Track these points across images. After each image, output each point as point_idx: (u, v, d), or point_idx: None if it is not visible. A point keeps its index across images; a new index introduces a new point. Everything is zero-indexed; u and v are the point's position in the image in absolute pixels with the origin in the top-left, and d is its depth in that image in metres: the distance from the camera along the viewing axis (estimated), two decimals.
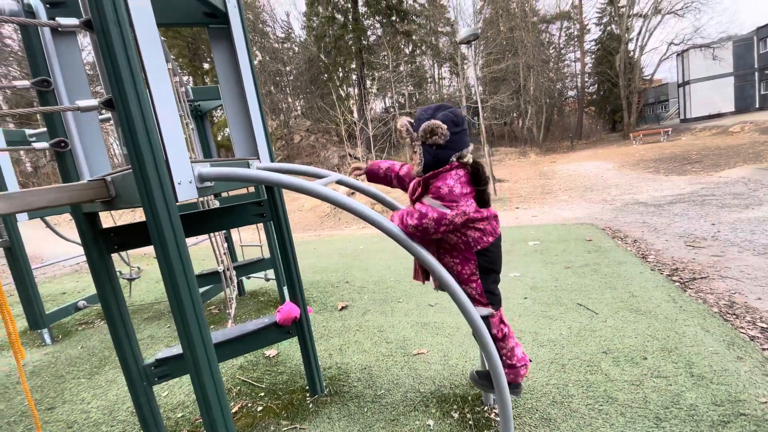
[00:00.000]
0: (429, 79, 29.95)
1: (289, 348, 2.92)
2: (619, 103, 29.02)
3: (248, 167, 1.75)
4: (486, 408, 1.95)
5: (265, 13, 28.23)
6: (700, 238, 4.56)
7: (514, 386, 1.72)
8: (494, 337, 1.63)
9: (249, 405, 2.26)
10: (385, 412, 2.03)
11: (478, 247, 1.53)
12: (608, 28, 31.80)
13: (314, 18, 27.46)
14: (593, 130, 33.52)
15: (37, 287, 3.90)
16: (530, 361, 1.88)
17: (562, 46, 33.14)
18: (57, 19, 1.17)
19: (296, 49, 29.71)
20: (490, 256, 1.56)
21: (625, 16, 26.79)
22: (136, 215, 14.28)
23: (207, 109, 3.58)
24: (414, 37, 27.93)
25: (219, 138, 22.57)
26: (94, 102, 1.17)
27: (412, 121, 1.54)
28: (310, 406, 2.17)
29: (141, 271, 6.14)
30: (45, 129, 3.69)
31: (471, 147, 1.55)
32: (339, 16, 27.15)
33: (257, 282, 4.87)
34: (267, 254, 4.06)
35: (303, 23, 29.32)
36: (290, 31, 30.73)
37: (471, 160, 1.51)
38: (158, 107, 1.16)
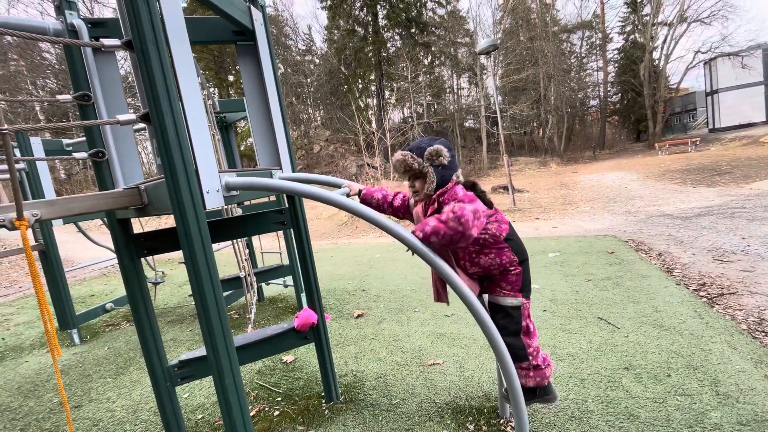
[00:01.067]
0: (447, 90, 30.05)
1: (306, 354, 2.96)
2: (643, 113, 28.33)
3: (271, 177, 1.82)
4: (502, 421, 1.92)
5: (288, 27, 29.06)
6: (729, 252, 4.38)
7: (545, 390, 1.68)
8: (523, 330, 1.65)
9: (266, 409, 2.31)
10: (399, 421, 2.03)
11: (504, 234, 1.62)
12: (631, 36, 31.25)
13: (335, 31, 28.10)
14: (616, 139, 32.77)
15: (69, 289, 4.10)
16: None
17: (583, 55, 32.71)
18: (101, 40, 1.27)
19: (317, 61, 30.40)
20: (516, 239, 1.66)
21: (649, 24, 26.31)
22: (161, 222, 14.76)
23: (232, 121, 3.72)
24: (433, 48, 28.16)
25: (242, 147, 23.19)
26: (132, 116, 1.26)
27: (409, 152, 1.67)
28: (326, 412, 2.19)
29: (165, 276, 6.33)
30: (80, 139, 3.92)
31: (461, 170, 1.75)
32: (359, 29, 27.69)
33: (276, 288, 4.95)
34: (286, 261, 4.15)
35: (324, 36, 30.03)
36: (312, 44, 31.51)
37: (464, 181, 1.70)
38: (190, 120, 1.24)
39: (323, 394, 2.34)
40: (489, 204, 1.65)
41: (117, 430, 2.31)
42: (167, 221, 14.40)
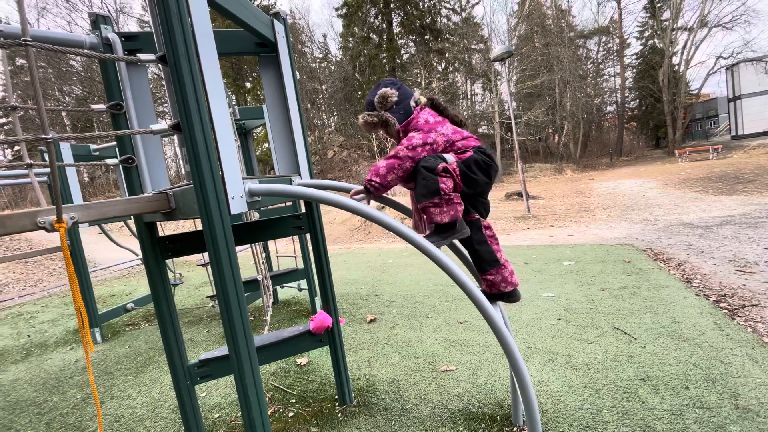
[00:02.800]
0: (461, 96, 30.05)
1: (320, 357, 3.00)
2: (662, 119, 27.78)
3: (290, 183, 1.88)
4: (515, 429, 1.92)
5: (303, 35, 29.58)
6: (752, 263, 4.26)
7: (451, 225, 1.62)
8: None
9: (281, 410, 2.35)
10: (412, 426, 2.05)
11: (461, 159, 1.60)
12: (650, 42, 30.77)
13: (350, 38, 28.46)
14: (634, 146, 32.17)
15: (93, 289, 4.24)
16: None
17: (600, 60, 32.32)
18: (138, 54, 1.35)
19: (332, 68, 30.82)
20: (483, 159, 1.60)
21: (668, 29, 25.86)
22: (178, 226, 15.08)
23: (251, 128, 3.82)
24: (447, 55, 28.24)
25: (257, 153, 23.59)
26: (164, 126, 1.33)
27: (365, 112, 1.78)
28: (339, 415, 2.22)
29: (183, 278, 6.48)
30: (106, 145, 4.07)
31: (417, 91, 1.78)
32: (374, 36, 27.99)
33: (290, 291, 5.02)
34: (300, 265, 4.21)
35: (339, 44, 30.46)
36: (327, 51, 31.98)
37: (425, 100, 1.73)
38: (217, 129, 1.30)
39: (336, 397, 2.37)
40: (458, 123, 1.69)
41: (138, 426, 2.39)
42: (184, 225, 14.71)
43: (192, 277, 6.82)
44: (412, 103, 1.71)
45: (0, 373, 3.52)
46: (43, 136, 1.05)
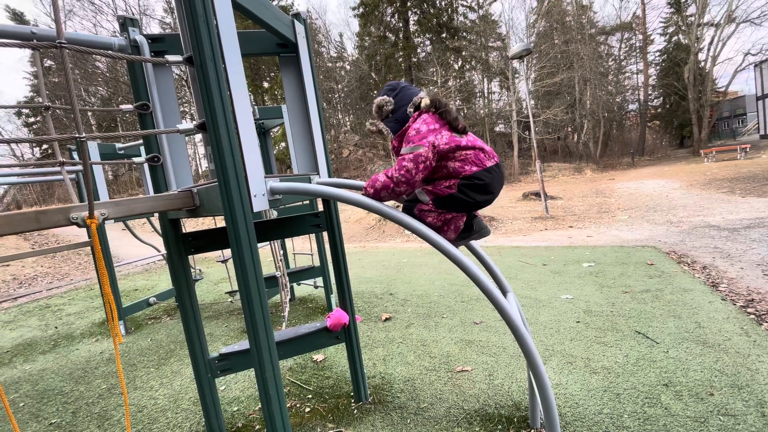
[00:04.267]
0: (478, 94, 29.74)
1: (335, 354, 3.03)
2: (687, 118, 26.89)
3: (309, 182, 1.90)
4: (532, 431, 1.90)
5: (320, 34, 29.78)
6: None
7: (466, 229, 1.58)
8: (415, 215, 1.56)
9: (297, 405, 2.38)
10: (428, 425, 2.05)
11: (462, 174, 1.48)
12: (675, 38, 29.79)
13: (366, 38, 28.50)
14: (657, 145, 31.21)
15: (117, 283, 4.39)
16: None
17: (622, 57, 31.46)
18: (166, 56, 1.39)
19: (348, 67, 30.94)
20: (476, 183, 1.48)
21: (694, 25, 24.98)
22: (199, 223, 15.42)
23: (269, 127, 3.88)
24: (464, 53, 27.99)
25: (274, 151, 23.92)
26: (190, 125, 1.37)
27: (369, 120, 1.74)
28: (355, 412, 2.24)
29: (202, 273, 6.63)
30: (131, 144, 4.20)
31: (422, 92, 1.65)
32: (390, 35, 27.95)
33: (306, 288, 5.08)
34: (317, 263, 4.26)
35: (355, 43, 30.55)
36: (343, 50, 32.12)
37: (428, 102, 1.57)
38: (240, 129, 1.33)
39: (352, 393, 2.39)
40: (458, 131, 1.53)
41: (160, 417, 2.46)
42: (204, 222, 15.03)
43: (211, 273, 6.97)
44: (410, 109, 1.61)
45: (29, 363, 3.68)
46: (77, 135, 1.10)
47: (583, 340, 2.85)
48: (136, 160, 1.97)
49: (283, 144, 19.41)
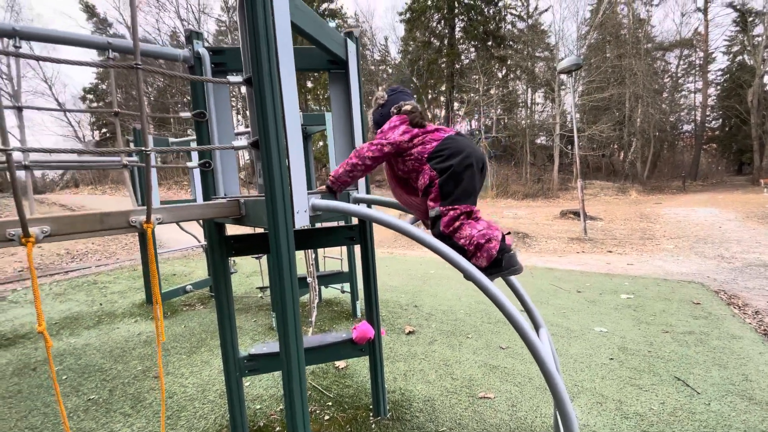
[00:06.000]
0: (521, 104, 29.06)
1: (357, 362, 3.06)
2: (748, 143, 25.02)
3: (348, 196, 1.94)
4: None
5: (366, 38, 30.20)
6: None
7: (499, 261, 1.53)
8: (452, 232, 1.55)
9: (317, 411, 2.43)
10: None
11: (426, 155, 1.61)
12: (738, 58, 27.80)
13: (411, 42, 28.61)
14: (712, 170, 29.25)
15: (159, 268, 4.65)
16: (508, 232, 1.65)
17: (679, 75, 29.73)
18: (228, 77, 1.47)
19: (390, 71, 31.16)
20: (444, 154, 1.58)
21: (761, 46, 23.21)
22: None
23: (312, 132, 3.99)
24: (509, 62, 27.47)
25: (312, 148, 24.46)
26: (244, 143, 1.44)
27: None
28: (373, 426, 2.25)
29: (236, 265, 6.89)
30: (183, 139, 4.43)
31: (413, 102, 1.81)
32: (435, 41, 27.91)
33: (332, 291, 5.16)
34: (345, 268, 4.32)
35: (399, 47, 30.73)
36: (386, 54, 32.38)
37: (408, 108, 1.76)
38: (290, 148, 1.38)
39: (371, 407, 2.40)
40: (417, 124, 1.69)
41: (188, 405, 2.58)
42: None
43: (243, 265, 7.23)
44: (393, 110, 1.80)
45: (74, 337, 3.96)
46: (144, 149, 1.18)
47: (616, 379, 2.71)
48: (189, 164, 2.08)
49: (320, 143, 19.82)
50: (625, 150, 27.32)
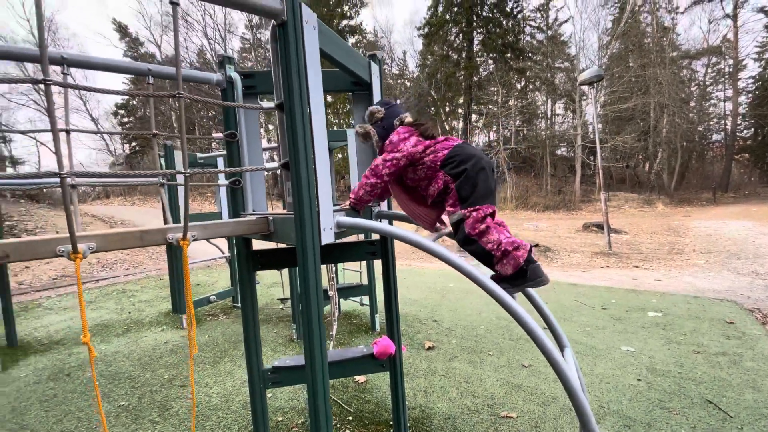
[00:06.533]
0: (540, 115, 28.77)
1: (377, 377, 3.06)
2: None
3: (371, 212, 1.99)
4: None
5: (384, 53, 30.74)
6: None
7: (524, 271, 1.50)
8: (477, 236, 1.55)
9: (338, 426, 2.44)
10: None
11: (439, 162, 1.67)
12: None
13: (429, 56, 28.89)
14: (745, 181, 28.01)
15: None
16: (536, 244, 1.65)
17: (708, 83, 28.83)
18: (262, 103, 1.55)
19: (408, 84, 31.50)
20: (456, 159, 1.63)
21: None
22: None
23: (333, 148, 4.09)
24: (528, 74, 27.34)
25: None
26: (275, 165, 1.51)
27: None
28: None
29: (258, 276, 7.03)
30: (211, 155, 4.61)
31: (407, 113, 1.89)
32: (453, 55, 28.09)
33: (351, 304, 5.19)
34: (365, 281, 4.35)
35: (417, 61, 31.08)
36: (405, 68, 32.80)
37: (411, 120, 1.84)
38: (318, 168, 1.44)
39: (391, 423, 2.40)
40: (430, 136, 1.77)
41: (212, 415, 2.64)
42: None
43: (265, 276, 7.37)
44: (396, 122, 1.84)
45: (105, 344, 4.12)
46: (183, 171, 1.26)
47: (644, 401, 2.62)
48: (220, 183, 2.18)
49: (339, 155, 20.12)
50: (650, 161, 26.54)
